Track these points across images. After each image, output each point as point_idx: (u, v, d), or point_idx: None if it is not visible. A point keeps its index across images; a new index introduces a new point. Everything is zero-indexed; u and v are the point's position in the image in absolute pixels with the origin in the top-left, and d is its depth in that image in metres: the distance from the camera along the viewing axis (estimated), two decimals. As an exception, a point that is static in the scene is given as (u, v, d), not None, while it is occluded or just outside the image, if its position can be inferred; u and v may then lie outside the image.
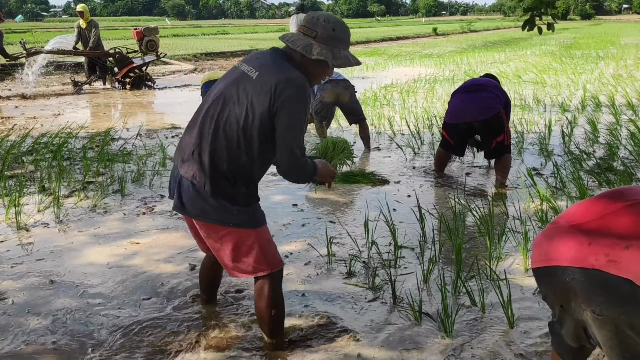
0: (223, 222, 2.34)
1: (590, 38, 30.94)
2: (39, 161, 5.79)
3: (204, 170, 2.30)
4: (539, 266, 2.04)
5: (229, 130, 2.28)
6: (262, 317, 2.54)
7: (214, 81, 6.78)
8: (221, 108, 2.32)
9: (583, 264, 1.86)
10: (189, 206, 2.36)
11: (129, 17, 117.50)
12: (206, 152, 2.30)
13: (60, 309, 3.00)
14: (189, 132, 2.41)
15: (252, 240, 2.38)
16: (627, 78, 12.40)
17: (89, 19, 12.34)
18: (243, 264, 2.42)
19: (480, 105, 4.87)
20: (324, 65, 2.38)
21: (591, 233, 1.92)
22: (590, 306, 1.86)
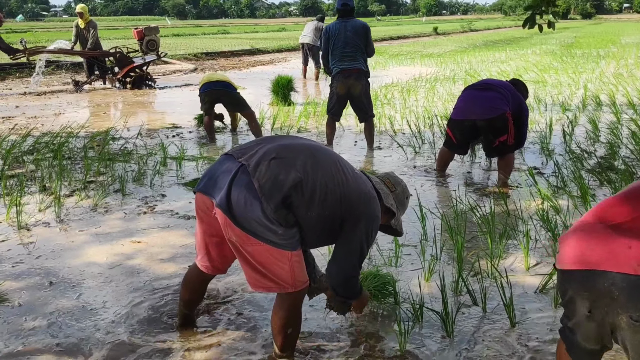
0: (263, 238, 2.21)
1: (591, 37, 30.93)
2: (39, 161, 5.79)
3: (274, 184, 2.20)
4: (572, 269, 1.90)
5: (327, 184, 2.28)
6: (277, 333, 2.46)
7: (213, 82, 6.78)
8: (321, 157, 2.35)
9: (625, 270, 1.78)
10: (236, 208, 2.20)
11: (130, 17, 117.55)
12: (293, 173, 2.23)
13: (60, 308, 3.00)
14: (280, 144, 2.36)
15: (285, 260, 2.27)
16: (628, 77, 12.39)
17: (88, 19, 12.35)
18: (268, 280, 2.32)
19: (485, 104, 4.84)
20: (388, 216, 2.59)
21: (630, 235, 1.82)
22: (628, 311, 1.78)
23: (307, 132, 7.52)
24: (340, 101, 6.42)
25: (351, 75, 6.18)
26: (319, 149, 2.43)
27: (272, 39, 30.66)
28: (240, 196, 2.20)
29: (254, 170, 2.22)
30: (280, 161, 2.25)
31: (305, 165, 2.26)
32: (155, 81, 12.52)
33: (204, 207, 2.39)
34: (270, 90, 9.93)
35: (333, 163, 2.36)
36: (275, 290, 2.36)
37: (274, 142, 2.36)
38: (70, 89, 12.00)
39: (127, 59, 12.30)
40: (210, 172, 2.38)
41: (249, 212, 2.18)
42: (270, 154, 2.26)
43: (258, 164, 2.23)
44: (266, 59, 20.41)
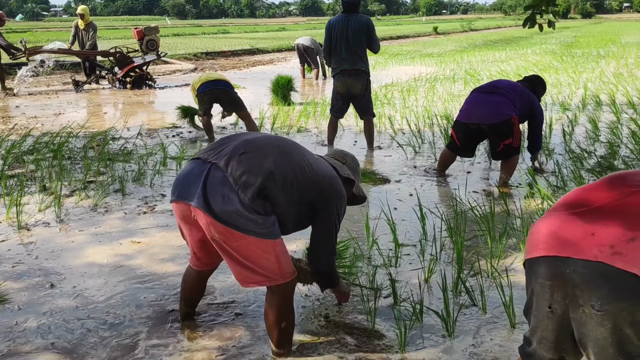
0: (245, 229, 2.27)
1: (591, 37, 30.92)
2: (39, 160, 5.79)
3: (248, 175, 2.28)
4: (534, 256, 1.89)
5: (295, 168, 2.40)
6: (271, 328, 2.52)
7: (212, 81, 6.74)
8: (287, 147, 2.49)
9: (586, 256, 1.77)
10: (214, 204, 2.25)
11: (130, 17, 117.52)
12: (265, 164, 2.32)
13: (60, 309, 3.00)
14: (239, 141, 2.43)
15: (270, 251, 2.34)
16: (628, 77, 12.39)
17: (89, 20, 12.36)
18: (257, 275, 2.37)
19: (490, 109, 4.79)
20: (349, 185, 2.74)
21: (594, 222, 1.81)
22: (590, 300, 1.76)
23: (307, 131, 7.52)
24: (343, 100, 6.41)
25: (351, 75, 6.17)
26: (282, 140, 2.59)
27: (272, 38, 30.66)
28: (217, 192, 2.26)
29: (225, 167, 2.29)
30: (249, 155, 2.34)
31: (274, 156, 2.37)
32: (155, 81, 12.52)
33: (183, 214, 2.44)
34: (270, 90, 9.93)
35: (297, 151, 2.50)
36: (266, 283, 2.41)
37: (238, 139, 2.45)
38: (66, 89, 11.99)
39: (127, 59, 12.30)
40: (181, 179, 2.43)
41: (228, 206, 2.24)
42: (239, 149, 2.35)
43: (229, 160, 2.31)
44: (266, 58, 20.42)
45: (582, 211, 1.87)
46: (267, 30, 44.62)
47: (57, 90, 12.05)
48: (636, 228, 1.77)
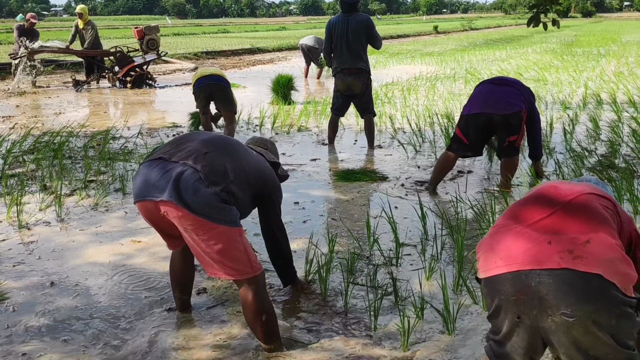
0: (216, 219, 2.37)
1: (592, 35, 30.90)
2: (40, 160, 5.79)
3: (216, 170, 2.44)
4: (497, 274, 1.89)
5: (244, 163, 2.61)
6: (254, 325, 2.54)
7: (206, 77, 6.70)
8: (233, 146, 2.67)
9: (549, 265, 1.79)
10: (187, 196, 2.35)
11: (130, 16, 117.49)
12: (226, 162, 2.50)
13: (61, 308, 3.00)
14: (196, 140, 2.59)
15: (238, 239, 2.44)
16: (629, 75, 12.38)
17: (88, 19, 12.37)
18: (228, 265, 2.42)
19: (503, 98, 4.64)
20: (275, 168, 2.94)
21: (547, 231, 1.86)
22: (560, 309, 1.78)
23: (307, 130, 7.52)
24: (344, 99, 6.41)
25: (351, 74, 6.17)
26: (229, 139, 2.79)
27: (272, 37, 30.64)
28: (189, 185, 2.36)
29: (194, 163, 2.42)
30: (212, 154, 2.49)
31: (230, 154, 2.57)
32: (155, 80, 12.52)
33: (149, 213, 2.52)
34: (271, 89, 9.93)
35: (242, 150, 2.70)
36: (237, 276, 2.46)
37: (196, 140, 2.59)
38: (66, 88, 11.99)
39: (127, 58, 12.30)
40: (143, 179, 2.49)
41: (200, 197, 2.36)
42: (202, 149, 2.50)
43: (196, 158, 2.45)
44: (266, 57, 20.41)
45: (532, 223, 1.90)
46: (267, 30, 44.59)
47: (57, 89, 12.04)
48: (587, 231, 1.83)
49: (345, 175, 5.38)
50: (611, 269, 1.77)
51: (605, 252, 1.80)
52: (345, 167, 5.74)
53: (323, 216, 4.36)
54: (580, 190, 2.00)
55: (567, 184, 2.10)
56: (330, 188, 5.10)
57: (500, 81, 4.88)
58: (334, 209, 4.57)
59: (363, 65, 6.19)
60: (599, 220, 1.89)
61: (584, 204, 1.94)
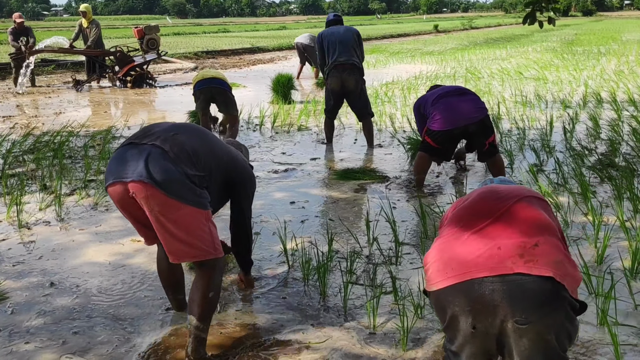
0: (185, 198, 2.38)
1: (592, 34, 30.87)
2: (40, 160, 5.79)
3: (184, 151, 2.45)
4: (448, 285, 1.84)
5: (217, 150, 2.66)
6: (198, 298, 2.51)
7: (208, 79, 6.67)
8: (204, 132, 2.71)
9: (501, 271, 1.76)
10: (156, 174, 2.34)
11: (130, 16, 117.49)
12: (193, 145, 2.51)
13: (60, 308, 3.00)
14: (163, 126, 2.61)
15: (205, 222, 2.46)
16: (629, 74, 12.37)
17: (91, 18, 12.36)
18: (193, 247, 2.45)
19: (474, 105, 4.68)
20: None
21: (495, 238, 1.83)
22: (514, 316, 1.75)
23: (307, 130, 7.52)
24: (337, 99, 6.43)
25: (345, 69, 6.20)
26: (201, 128, 2.79)
27: (272, 37, 30.63)
28: (159, 164, 2.37)
29: (163, 144, 2.43)
30: (179, 135, 2.50)
31: (199, 137, 2.59)
32: (155, 80, 12.52)
33: (120, 196, 2.46)
34: (271, 88, 9.92)
35: (215, 139, 2.72)
36: (201, 257, 2.48)
37: (165, 125, 2.62)
38: (67, 88, 12.00)
39: (127, 58, 12.30)
40: (115, 162, 2.48)
41: (171, 175, 2.36)
42: (170, 131, 2.52)
43: (165, 139, 2.45)
44: (267, 57, 20.41)
45: (477, 230, 1.88)
46: (267, 29, 44.59)
47: (57, 89, 12.04)
48: (534, 234, 1.82)
49: (345, 174, 5.38)
50: (561, 271, 1.77)
51: (554, 254, 1.80)
52: (345, 166, 5.74)
53: (322, 215, 4.36)
54: (520, 193, 1.99)
55: (504, 186, 2.09)
56: (330, 187, 5.10)
57: (459, 91, 4.85)
58: (333, 208, 4.57)
59: (357, 61, 6.25)
60: (543, 222, 1.89)
61: (526, 206, 1.92)
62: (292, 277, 3.32)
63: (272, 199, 4.72)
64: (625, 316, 2.81)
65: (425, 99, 4.92)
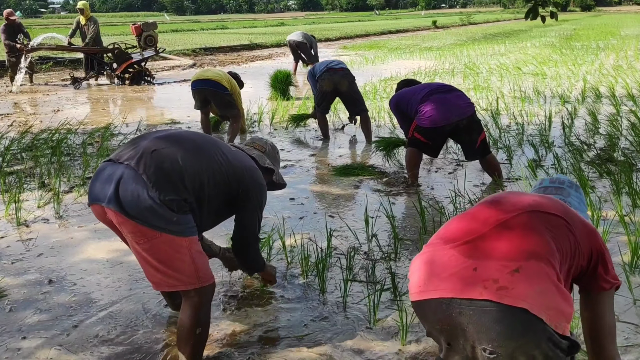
0: (158, 227, 2.20)
1: (590, 29, 30.83)
2: (38, 157, 5.78)
3: (162, 172, 2.24)
4: (418, 299, 1.74)
5: (215, 166, 2.40)
6: (185, 336, 2.36)
7: (202, 80, 6.58)
8: (199, 142, 2.46)
9: (471, 294, 1.62)
10: (126, 201, 2.19)
11: (128, 13, 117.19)
12: (177, 161, 2.28)
13: (59, 305, 3.00)
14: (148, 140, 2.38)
15: (184, 251, 2.26)
16: (628, 69, 12.36)
17: (89, 15, 12.33)
18: (171, 277, 2.29)
19: (463, 101, 4.70)
20: (268, 175, 2.81)
21: (475, 255, 1.68)
22: (481, 344, 1.63)
23: (305, 126, 7.51)
24: (328, 97, 6.56)
25: (337, 72, 6.34)
26: (195, 135, 2.56)
27: (271, 33, 30.57)
28: (129, 189, 2.20)
29: (137, 165, 2.23)
30: (161, 152, 2.28)
31: (187, 152, 2.34)
32: (153, 77, 12.50)
33: (101, 217, 2.36)
34: (269, 84, 9.91)
35: (212, 146, 2.47)
36: (181, 287, 2.32)
37: (149, 138, 2.39)
38: (65, 85, 11.97)
39: (125, 55, 12.28)
40: (94, 181, 2.33)
41: (141, 203, 2.18)
42: (150, 148, 2.29)
43: (140, 158, 2.25)
44: (265, 53, 20.38)
45: (461, 244, 1.73)
46: (265, 25, 44.51)
47: (55, 87, 12.02)
48: (518, 257, 1.65)
49: (344, 170, 5.38)
50: (539, 303, 1.59)
51: (536, 283, 1.62)
52: (343, 162, 5.74)
53: (321, 212, 4.36)
54: (525, 206, 1.81)
55: (517, 195, 1.91)
56: (329, 183, 5.10)
57: (447, 88, 4.85)
58: (333, 204, 4.56)
59: (347, 67, 6.50)
60: (535, 244, 1.70)
61: (523, 224, 1.74)
62: (291, 274, 3.32)
63: (271, 195, 4.66)
64: (624, 312, 2.81)
65: (403, 97, 4.92)
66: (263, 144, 2.92)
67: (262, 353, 2.56)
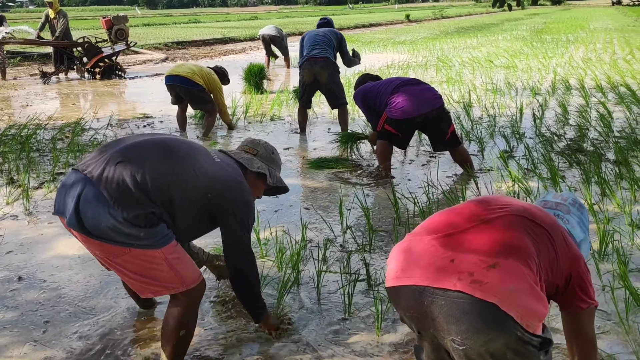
0: (125, 243, 2.09)
1: (560, 23, 31.31)
2: (6, 153, 5.66)
3: (125, 187, 2.09)
4: (391, 285, 1.77)
5: (179, 176, 2.20)
6: (168, 336, 2.27)
7: (173, 76, 6.44)
8: (173, 151, 2.26)
9: (444, 284, 1.64)
10: (86, 220, 2.07)
11: (98, 7, 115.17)
12: (142, 174, 2.11)
13: (29, 302, 2.94)
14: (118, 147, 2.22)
15: (159, 262, 2.15)
16: (596, 61, 12.59)
17: (58, 9, 12.09)
18: (154, 286, 2.21)
19: (432, 94, 4.75)
20: (262, 179, 2.60)
21: (455, 248, 1.71)
22: (450, 335, 1.64)
23: (280, 120, 7.48)
24: (309, 90, 6.45)
25: (317, 62, 6.21)
26: (170, 143, 2.32)
27: (244, 27, 30.36)
28: (90, 208, 2.07)
29: (98, 180, 2.09)
30: (126, 163, 2.13)
31: (156, 163, 2.18)
32: (125, 71, 12.32)
33: (67, 228, 2.21)
34: (243, 78, 9.85)
35: (187, 155, 2.27)
36: (165, 292, 2.25)
37: (118, 145, 2.24)
38: (33, 80, 11.74)
39: (95, 49, 12.07)
40: (59, 191, 2.20)
41: (103, 222, 2.05)
42: (116, 158, 2.14)
43: (103, 171, 2.11)
44: (238, 47, 20.23)
45: (442, 236, 1.77)
46: (239, 19, 44.17)
47: (24, 82, 11.77)
48: (498, 254, 1.68)
49: (318, 163, 5.38)
50: (510, 300, 1.61)
51: (510, 280, 1.63)
52: (318, 155, 5.73)
53: (296, 204, 4.35)
54: (512, 209, 1.84)
55: (506, 199, 1.94)
56: (304, 176, 5.09)
57: (416, 81, 4.90)
58: (307, 197, 4.56)
59: (329, 55, 6.27)
60: (515, 244, 1.72)
61: (506, 224, 1.77)
62: (266, 266, 3.31)
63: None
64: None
65: (370, 90, 4.96)
66: (254, 146, 2.67)
67: (236, 344, 2.55)
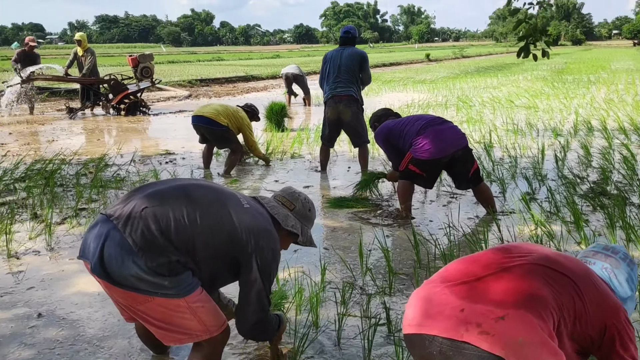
0: (149, 292, 2.08)
1: (582, 63, 31.31)
2: (31, 188, 5.75)
3: (149, 235, 2.09)
4: (405, 332, 1.80)
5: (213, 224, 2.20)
6: None
7: (197, 117, 6.54)
8: (198, 198, 2.25)
9: (452, 334, 1.64)
10: (110, 268, 2.08)
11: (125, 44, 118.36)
12: (167, 221, 2.12)
13: (48, 339, 2.94)
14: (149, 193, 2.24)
15: (183, 310, 2.14)
16: (619, 102, 12.51)
17: (87, 47, 12.45)
18: (177, 334, 2.19)
19: (457, 133, 4.76)
20: (293, 237, 2.56)
21: (466, 297, 1.70)
22: None
23: (300, 157, 7.52)
24: (332, 127, 6.45)
25: (341, 101, 6.22)
26: (197, 189, 2.31)
27: (266, 65, 30.90)
28: (114, 255, 2.07)
29: (124, 226, 2.09)
30: (152, 210, 2.13)
31: (181, 210, 2.16)
32: (149, 108, 12.56)
33: (90, 272, 2.21)
34: (264, 116, 9.96)
35: (215, 201, 2.26)
36: (189, 340, 2.23)
37: (145, 191, 2.25)
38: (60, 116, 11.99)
39: (121, 86, 12.36)
40: (85, 236, 2.22)
41: (126, 270, 2.05)
42: (142, 205, 2.15)
43: (129, 218, 2.11)
44: (260, 85, 20.55)
45: (456, 284, 1.77)
46: (261, 58, 45.02)
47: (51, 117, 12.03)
48: (508, 304, 1.66)
49: (338, 202, 5.37)
50: (519, 354, 1.58)
51: (519, 332, 1.61)
52: (338, 194, 5.73)
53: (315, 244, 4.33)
54: (533, 258, 1.81)
55: (529, 246, 1.92)
56: (323, 216, 5.08)
57: (440, 120, 4.89)
58: (327, 236, 4.54)
59: (354, 92, 6.24)
60: (530, 294, 1.70)
61: (524, 273, 1.75)
62: (285, 308, 3.27)
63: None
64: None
65: (392, 129, 4.94)
66: (292, 199, 2.58)
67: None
